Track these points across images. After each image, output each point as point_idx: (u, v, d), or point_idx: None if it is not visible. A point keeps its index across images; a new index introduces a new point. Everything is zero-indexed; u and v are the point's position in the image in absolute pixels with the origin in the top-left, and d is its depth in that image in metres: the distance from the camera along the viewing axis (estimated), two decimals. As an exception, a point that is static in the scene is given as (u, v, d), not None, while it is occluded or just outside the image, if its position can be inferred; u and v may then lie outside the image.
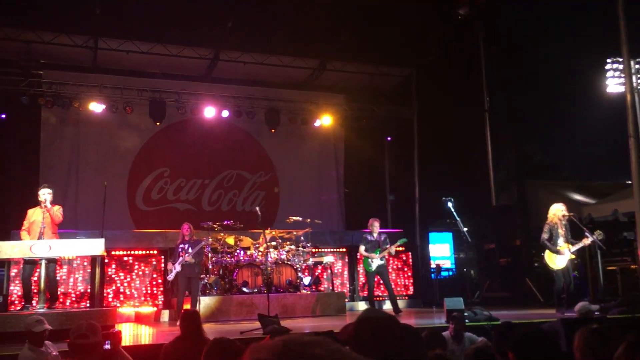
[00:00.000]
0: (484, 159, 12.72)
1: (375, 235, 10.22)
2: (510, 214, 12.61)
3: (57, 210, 8.45)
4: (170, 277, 9.61)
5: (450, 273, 13.76)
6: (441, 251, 14.01)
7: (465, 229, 9.25)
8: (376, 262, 9.99)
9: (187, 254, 9.41)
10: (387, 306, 11.98)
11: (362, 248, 10.25)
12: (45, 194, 8.32)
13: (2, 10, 10.58)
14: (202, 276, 10.15)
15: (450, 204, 9.27)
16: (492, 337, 6.36)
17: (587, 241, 9.02)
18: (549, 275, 9.63)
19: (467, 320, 7.06)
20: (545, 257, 9.25)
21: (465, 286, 10.59)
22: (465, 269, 13.23)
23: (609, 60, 11.45)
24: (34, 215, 8.44)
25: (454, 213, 9.09)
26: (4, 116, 12.20)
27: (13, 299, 9.80)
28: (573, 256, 9.22)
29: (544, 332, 3.29)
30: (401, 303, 12.41)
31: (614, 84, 11.13)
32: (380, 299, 11.85)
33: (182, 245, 9.57)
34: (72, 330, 4.10)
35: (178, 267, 9.45)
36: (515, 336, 3.18)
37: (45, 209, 8.27)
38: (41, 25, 11.29)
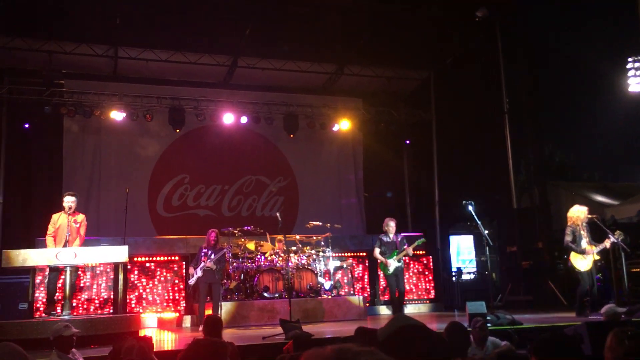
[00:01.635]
0: (505, 161, 12.62)
1: (391, 236, 9.92)
2: (531, 216, 12.47)
3: (82, 223, 8.57)
4: (192, 281, 9.67)
5: (472, 276, 13.67)
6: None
7: (487, 232, 9.17)
8: (394, 264, 9.76)
9: (209, 260, 9.49)
10: (409, 310, 11.94)
11: (376, 251, 9.92)
12: (70, 202, 8.45)
13: (24, 22, 10.79)
14: (223, 281, 10.22)
15: (470, 207, 9.19)
16: (514, 340, 6.32)
17: (607, 243, 8.90)
18: (572, 277, 9.52)
19: (489, 324, 7.00)
20: (571, 259, 9.13)
21: (487, 289, 10.50)
22: (486, 272, 13.13)
23: (630, 59, 11.32)
24: (60, 220, 8.54)
25: (475, 216, 9.01)
26: (27, 126, 12.42)
27: (38, 305, 9.94)
28: (597, 257, 9.10)
29: (565, 336, 3.26)
30: (423, 307, 12.39)
31: (635, 83, 10.99)
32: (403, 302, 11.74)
33: (204, 251, 9.64)
34: (124, 350, 4.11)
35: (199, 272, 9.51)
36: (537, 340, 3.17)
37: (69, 215, 8.39)
38: (62, 35, 11.49)
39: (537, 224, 12.34)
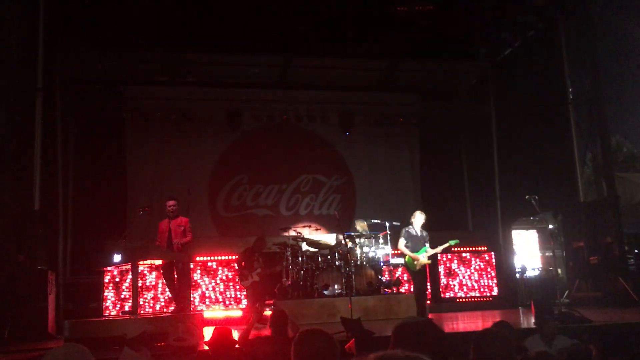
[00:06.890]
0: (570, 153, 12.15)
1: (418, 230, 9.05)
2: (599, 210, 11.93)
3: (187, 227, 9.36)
4: (246, 283, 9.96)
5: (537, 272, 13.21)
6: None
7: (552, 227, 8.87)
8: (423, 261, 8.88)
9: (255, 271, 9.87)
10: (472, 307, 11.69)
11: (402, 242, 8.92)
12: (170, 206, 9.29)
13: (85, 30, 11.15)
14: (283, 279, 10.34)
15: (534, 202, 8.92)
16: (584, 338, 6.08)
17: None
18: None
19: (557, 322, 6.76)
20: None
21: (553, 286, 10.15)
22: (551, 268, 12.69)
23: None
24: (162, 226, 9.33)
25: (539, 211, 8.72)
26: (91, 132, 12.78)
27: (107, 304, 10.30)
28: None
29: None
30: (485, 304, 12.09)
31: None
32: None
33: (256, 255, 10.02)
34: (170, 333, 4.23)
35: (256, 277, 9.87)
36: None
37: (171, 221, 9.20)
38: (124, 43, 11.81)
39: (606, 218, 11.79)
